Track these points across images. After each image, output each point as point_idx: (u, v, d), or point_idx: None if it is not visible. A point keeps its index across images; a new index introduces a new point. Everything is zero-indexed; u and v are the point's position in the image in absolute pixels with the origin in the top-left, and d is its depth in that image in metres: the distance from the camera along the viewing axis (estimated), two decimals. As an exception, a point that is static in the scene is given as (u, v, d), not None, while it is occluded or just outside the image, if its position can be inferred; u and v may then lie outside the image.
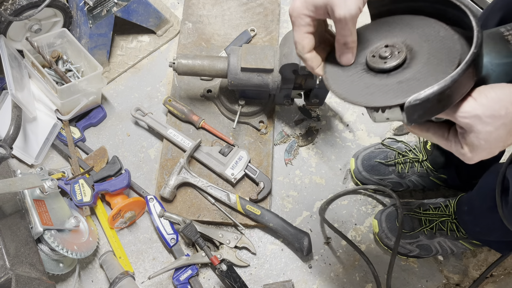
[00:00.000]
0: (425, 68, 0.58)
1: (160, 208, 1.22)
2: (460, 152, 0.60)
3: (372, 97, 0.59)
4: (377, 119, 0.62)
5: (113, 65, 1.48)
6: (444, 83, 0.53)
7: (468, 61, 0.53)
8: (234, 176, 1.25)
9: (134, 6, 1.40)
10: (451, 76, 0.53)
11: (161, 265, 1.22)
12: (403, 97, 0.56)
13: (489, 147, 0.57)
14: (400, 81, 0.59)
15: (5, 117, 1.26)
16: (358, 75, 0.64)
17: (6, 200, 1.05)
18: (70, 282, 1.18)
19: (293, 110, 1.44)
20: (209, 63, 1.21)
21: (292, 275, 1.23)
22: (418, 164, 1.26)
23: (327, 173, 1.36)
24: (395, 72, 0.61)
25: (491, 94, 0.55)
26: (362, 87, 0.62)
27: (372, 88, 0.60)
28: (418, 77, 0.58)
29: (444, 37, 0.60)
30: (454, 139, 0.61)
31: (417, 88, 0.56)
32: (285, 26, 1.59)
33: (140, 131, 1.39)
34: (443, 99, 0.54)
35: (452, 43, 0.59)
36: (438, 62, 0.58)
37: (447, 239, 1.18)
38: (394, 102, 0.56)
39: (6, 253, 0.95)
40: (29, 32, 1.32)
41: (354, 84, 0.63)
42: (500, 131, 0.55)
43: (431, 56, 0.59)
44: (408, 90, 0.57)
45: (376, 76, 0.62)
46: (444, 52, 0.59)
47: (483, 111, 0.55)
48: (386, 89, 0.59)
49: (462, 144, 0.59)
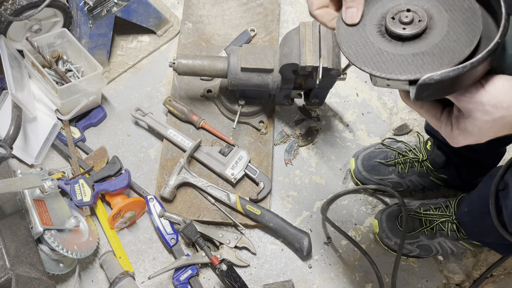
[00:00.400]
0: (443, 43, 0.57)
1: (160, 208, 1.22)
2: (449, 134, 0.60)
3: (383, 65, 0.57)
4: (378, 83, 0.61)
5: (113, 65, 1.48)
6: (462, 69, 0.52)
7: (490, 50, 0.52)
8: (234, 176, 1.25)
9: (134, 6, 1.40)
10: (471, 62, 0.52)
11: (161, 265, 1.22)
12: (415, 72, 0.55)
13: (480, 135, 0.57)
14: (414, 53, 0.57)
15: (5, 117, 1.26)
16: (372, 37, 0.61)
17: (6, 200, 1.05)
18: (70, 282, 1.18)
19: (293, 110, 1.44)
20: (209, 63, 1.21)
21: (292, 275, 1.23)
22: (418, 164, 1.25)
23: (327, 173, 1.36)
24: (411, 42, 0.58)
25: (500, 85, 0.54)
26: (374, 52, 0.59)
27: (384, 55, 0.58)
28: (433, 52, 0.56)
29: (467, 9, 0.58)
30: (445, 120, 0.60)
31: (431, 65, 0.55)
32: (285, 26, 1.59)
33: (140, 131, 1.39)
34: (456, 83, 0.53)
35: (474, 19, 0.57)
36: (457, 39, 0.56)
37: (448, 240, 1.17)
38: (406, 77, 0.55)
39: (6, 253, 0.95)
40: (29, 32, 1.32)
41: (366, 47, 0.60)
42: (496, 122, 0.55)
43: (451, 30, 0.57)
44: (421, 65, 0.55)
45: (391, 42, 0.59)
46: (464, 27, 0.57)
47: (488, 99, 0.54)
48: (399, 60, 0.57)
49: (453, 126, 0.59)
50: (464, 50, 0.55)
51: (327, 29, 1.14)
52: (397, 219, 1.22)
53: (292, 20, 1.60)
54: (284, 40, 1.19)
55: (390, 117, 1.45)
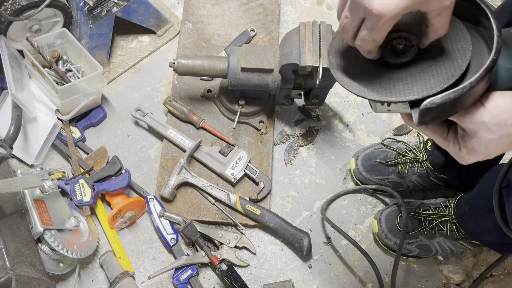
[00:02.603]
0: (436, 63, 0.57)
1: (160, 208, 1.22)
2: (457, 153, 0.60)
3: (386, 91, 0.57)
4: (379, 110, 0.61)
5: (113, 65, 1.48)
6: (462, 89, 0.52)
7: (488, 68, 0.52)
8: (234, 176, 1.25)
9: (134, 6, 1.40)
10: (470, 82, 0.52)
11: (161, 265, 1.22)
12: (420, 92, 0.55)
13: (488, 152, 0.57)
14: (413, 74, 0.57)
15: (5, 117, 1.26)
16: (367, 64, 0.61)
17: (6, 200, 1.05)
18: (70, 282, 1.18)
19: (293, 110, 1.44)
20: (209, 63, 1.21)
21: (292, 275, 1.23)
22: (418, 164, 1.26)
23: (327, 173, 1.36)
24: (405, 65, 0.59)
25: (500, 102, 0.54)
26: (371, 77, 0.59)
27: (385, 80, 0.59)
28: (432, 71, 0.57)
29: (456, 31, 0.59)
30: (453, 139, 0.60)
31: (434, 83, 0.55)
32: (285, 26, 1.59)
33: (140, 131, 1.39)
34: (457, 105, 0.54)
35: (464, 39, 0.57)
36: (449, 59, 0.57)
37: (447, 239, 1.18)
38: (412, 98, 0.55)
39: (6, 253, 0.95)
40: (29, 32, 1.32)
41: (361, 73, 0.60)
42: (502, 140, 0.55)
43: (441, 45, 0.58)
44: (424, 85, 0.56)
45: (387, 66, 0.60)
46: (454, 42, 0.57)
47: (490, 118, 0.54)
48: (401, 83, 0.57)
49: (460, 145, 0.59)
50: (457, 70, 0.55)
51: (327, 29, 1.15)
52: (396, 219, 1.22)
53: (292, 20, 1.61)
54: (284, 40, 1.19)
55: (390, 117, 1.45)
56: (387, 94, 0.57)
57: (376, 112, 0.62)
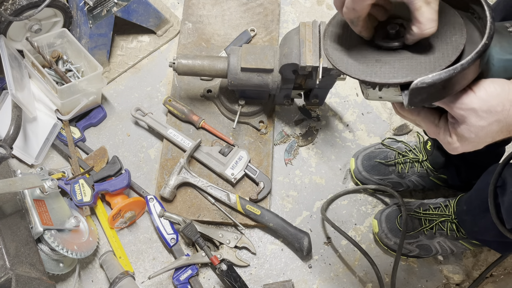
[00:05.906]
0: (426, 53, 0.57)
1: (160, 208, 1.22)
2: (448, 140, 0.60)
3: (371, 71, 0.58)
4: (370, 97, 0.61)
5: (113, 65, 1.48)
6: (453, 71, 0.52)
7: (479, 52, 0.53)
8: (234, 176, 1.25)
9: (134, 6, 1.40)
10: (461, 64, 0.52)
11: (161, 265, 1.22)
12: (404, 76, 0.55)
13: (478, 140, 0.57)
14: (402, 59, 0.58)
15: (5, 117, 1.26)
16: (359, 46, 0.62)
17: (6, 200, 1.05)
18: (70, 282, 1.18)
19: (293, 110, 1.44)
20: (209, 63, 1.21)
21: (292, 275, 1.23)
22: (418, 164, 1.26)
23: (327, 173, 1.36)
24: (396, 51, 0.59)
25: (491, 89, 0.54)
26: (359, 57, 0.60)
27: (373, 62, 0.59)
28: (420, 59, 0.57)
29: (449, 19, 0.59)
30: (444, 126, 0.60)
31: (420, 70, 0.55)
32: (285, 26, 1.59)
33: (140, 131, 1.39)
34: (447, 87, 0.54)
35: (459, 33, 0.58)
36: (440, 50, 0.57)
37: (447, 239, 1.18)
38: (396, 81, 0.55)
39: (6, 253, 0.95)
40: (29, 32, 1.32)
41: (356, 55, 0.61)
42: (492, 127, 0.55)
43: (435, 37, 0.58)
44: (410, 71, 0.56)
45: (379, 49, 0.60)
46: (448, 35, 0.58)
47: (480, 105, 0.54)
48: (388, 66, 0.58)
49: (451, 133, 0.59)
50: (451, 55, 0.56)
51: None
52: (396, 219, 1.22)
53: (292, 20, 1.60)
54: (284, 40, 1.19)
55: (390, 117, 1.45)
56: (371, 75, 0.57)
57: (367, 99, 0.62)
